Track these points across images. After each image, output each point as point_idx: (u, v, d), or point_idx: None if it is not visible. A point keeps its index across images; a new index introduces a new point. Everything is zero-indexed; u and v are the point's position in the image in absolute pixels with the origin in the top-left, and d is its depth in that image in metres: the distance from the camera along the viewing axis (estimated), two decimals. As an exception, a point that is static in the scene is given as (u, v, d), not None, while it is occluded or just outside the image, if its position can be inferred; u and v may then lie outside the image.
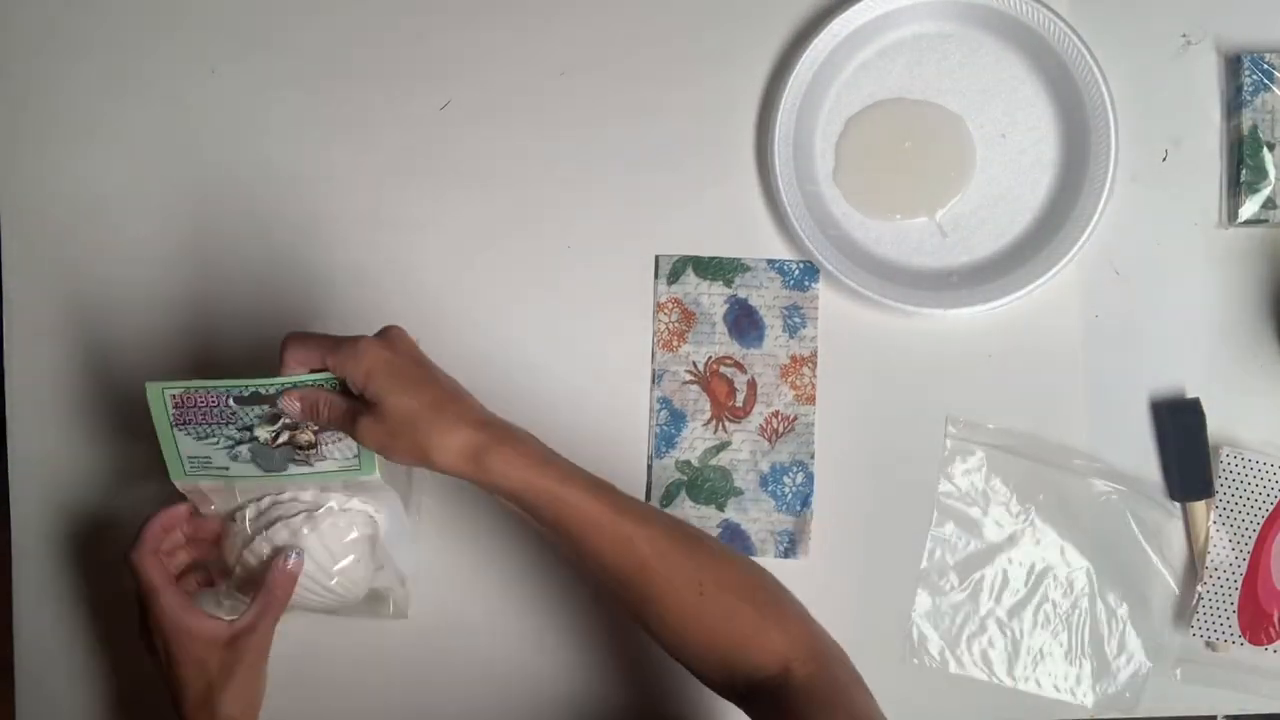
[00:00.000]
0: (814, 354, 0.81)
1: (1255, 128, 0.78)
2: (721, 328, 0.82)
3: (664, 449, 0.81)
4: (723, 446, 0.81)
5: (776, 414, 0.81)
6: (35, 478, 0.83)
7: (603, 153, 0.83)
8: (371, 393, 0.62)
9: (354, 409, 0.63)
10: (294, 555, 0.69)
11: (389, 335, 0.64)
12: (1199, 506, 0.79)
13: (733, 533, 0.81)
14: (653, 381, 0.82)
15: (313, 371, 0.65)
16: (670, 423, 0.81)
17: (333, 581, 0.72)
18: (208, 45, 0.84)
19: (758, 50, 0.83)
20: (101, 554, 0.82)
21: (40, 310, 0.83)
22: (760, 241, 0.82)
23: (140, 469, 0.83)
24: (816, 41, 0.80)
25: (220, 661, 0.68)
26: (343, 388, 0.64)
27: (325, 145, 0.84)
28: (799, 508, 0.81)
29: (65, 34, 0.84)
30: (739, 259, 0.82)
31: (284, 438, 0.68)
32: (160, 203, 0.84)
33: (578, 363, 0.82)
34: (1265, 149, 0.79)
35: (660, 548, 0.63)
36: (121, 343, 0.83)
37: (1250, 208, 0.79)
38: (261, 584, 0.69)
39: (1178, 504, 0.80)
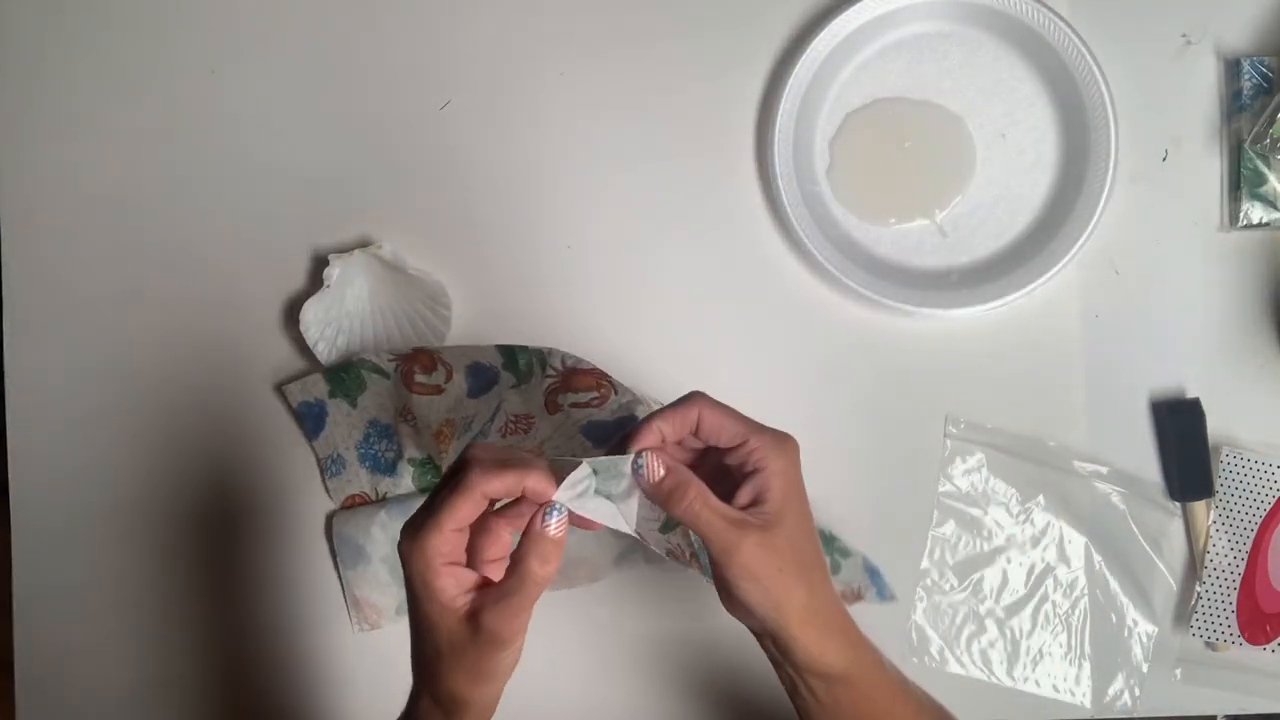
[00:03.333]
0: None
1: (1255, 131, 0.78)
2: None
3: None
4: None
5: None
6: (35, 478, 0.83)
7: (602, 152, 0.83)
8: (781, 511, 0.53)
9: (737, 517, 0.53)
10: (555, 513, 0.53)
11: (796, 444, 0.55)
12: (1199, 506, 0.79)
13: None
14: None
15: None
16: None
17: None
18: (208, 45, 0.84)
19: (758, 50, 0.83)
20: (101, 553, 0.82)
21: (40, 310, 0.83)
22: (760, 241, 0.82)
23: (140, 468, 0.83)
24: (816, 41, 0.80)
25: (451, 632, 0.54)
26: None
27: (325, 145, 0.84)
28: None
29: (65, 34, 0.84)
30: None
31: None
32: (160, 203, 0.84)
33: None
34: (1264, 154, 0.79)
35: None
36: (121, 343, 0.83)
37: (1251, 213, 0.79)
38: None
39: (1178, 504, 0.80)
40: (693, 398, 0.56)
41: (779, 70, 0.82)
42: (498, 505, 0.55)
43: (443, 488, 0.53)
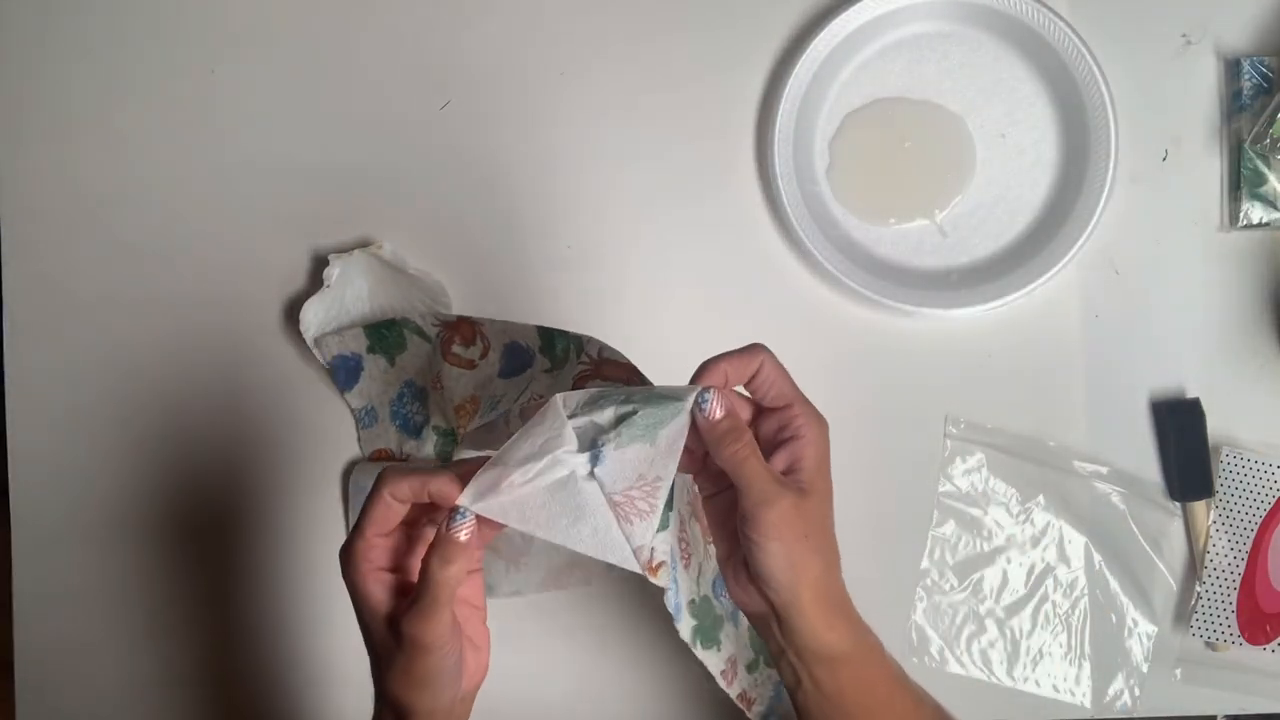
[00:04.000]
0: None
1: (1255, 131, 0.78)
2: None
3: None
4: None
5: None
6: (35, 478, 0.83)
7: (602, 152, 0.83)
8: (814, 481, 0.54)
9: (779, 475, 0.54)
10: (459, 517, 0.52)
11: (828, 428, 0.56)
12: (1199, 506, 0.79)
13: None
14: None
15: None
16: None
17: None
18: (208, 45, 0.84)
19: (758, 50, 0.83)
20: (101, 553, 0.82)
21: (40, 310, 0.83)
22: (760, 241, 0.82)
23: (140, 469, 0.83)
24: (816, 41, 0.80)
25: (381, 637, 0.55)
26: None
27: (325, 145, 0.84)
28: None
29: (65, 34, 0.84)
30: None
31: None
32: (160, 203, 0.83)
33: (578, 363, 0.82)
34: (1264, 154, 0.79)
35: None
36: (121, 343, 0.83)
37: (1251, 213, 0.79)
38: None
39: (1178, 504, 0.80)
40: (755, 348, 0.56)
41: (779, 70, 0.82)
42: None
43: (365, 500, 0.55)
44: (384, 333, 0.79)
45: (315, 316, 0.79)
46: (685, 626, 0.60)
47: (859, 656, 0.57)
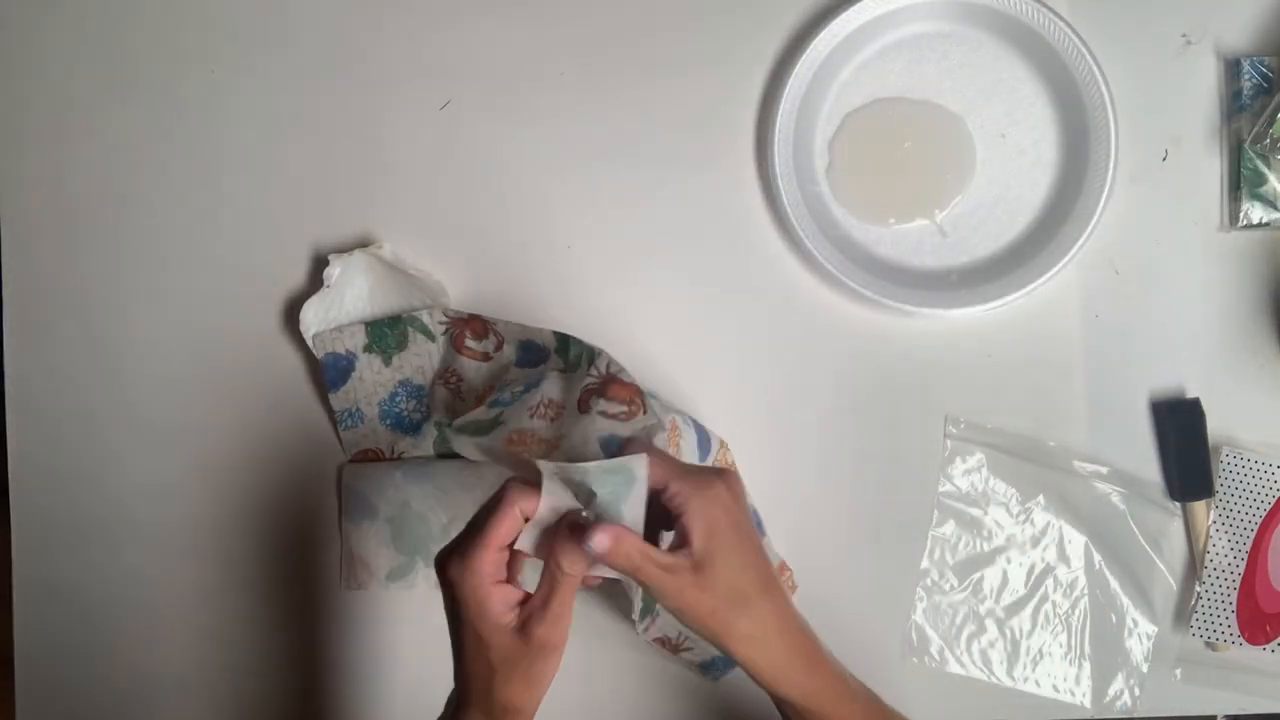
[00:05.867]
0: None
1: (1255, 131, 0.78)
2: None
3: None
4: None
5: None
6: (35, 478, 0.83)
7: (602, 152, 0.83)
8: (706, 551, 0.55)
9: (668, 561, 0.55)
10: (597, 536, 0.54)
11: (734, 484, 0.57)
12: (1199, 506, 0.79)
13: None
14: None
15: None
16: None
17: None
18: (208, 45, 0.84)
19: (758, 50, 0.83)
20: (102, 553, 0.82)
21: (40, 310, 0.83)
22: (760, 241, 0.82)
23: (139, 469, 0.83)
24: (816, 41, 0.79)
25: (505, 648, 0.56)
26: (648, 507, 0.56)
27: (325, 145, 0.84)
28: None
29: (65, 34, 0.84)
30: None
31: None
32: (160, 203, 0.84)
33: (578, 363, 0.82)
34: (1264, 154, 0.79)
35: None
36: (121, 343, 0.83)
37: (1251, 213, 0.79)
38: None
39: (1178, 504, 0.80)
40: (625, 443, 0.59)
41: (779, 70, 0.82)
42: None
43: (482, 512, 0.56)
44: (385, 330, 0.79)
45: (315, 316, 0.79)
46: (637, 607, 0.63)
47: (816, 706, 0.58)
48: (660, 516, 0.57)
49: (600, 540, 0.54)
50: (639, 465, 0.55)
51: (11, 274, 0.84)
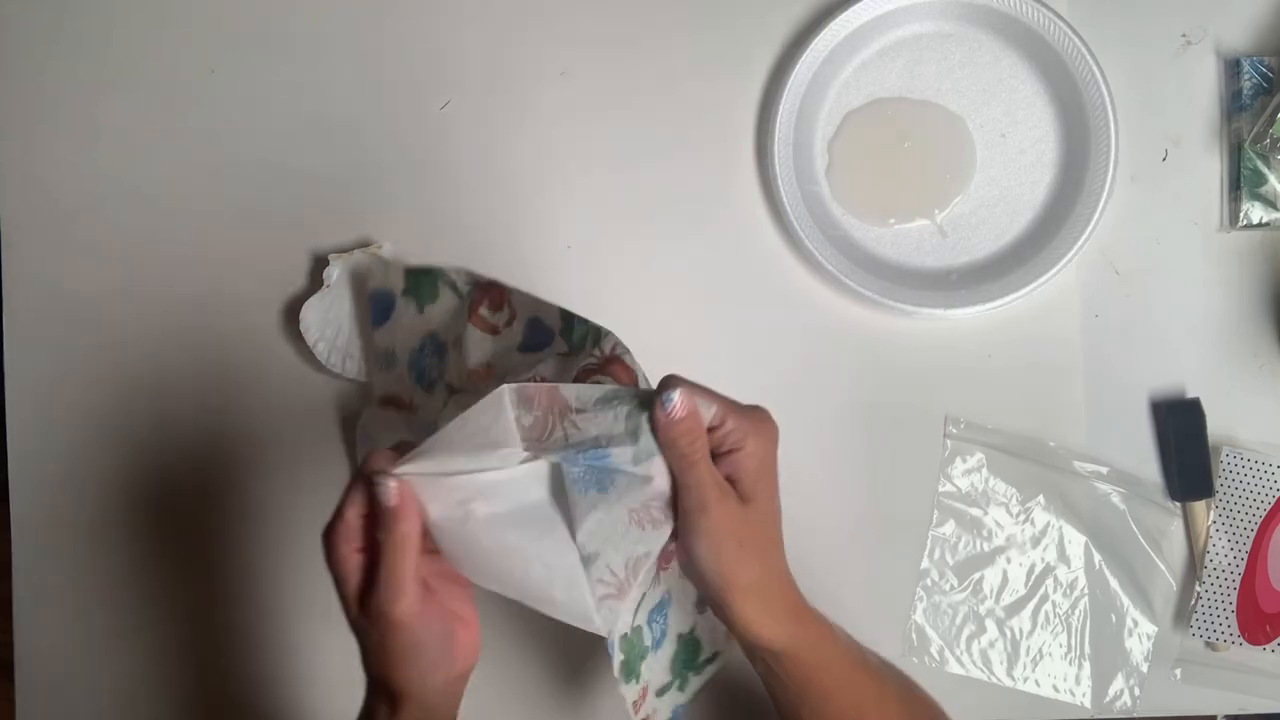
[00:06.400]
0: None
1: (1255, 131, 0.78)
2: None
3: None
4: None
5: None
6: (35, 478, 0.83)
7: (602, 152, 0.83)
8: (754, 492, 0.54)
9: (723, 482, 0.54)
10: (381, 483, 0.52)
11: (774, 425, 0.55)
12: (1199, 506, 0.79)
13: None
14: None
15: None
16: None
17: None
18: (207, 45, 0.84)
19: (758, 50, 0.83)
20: (101, 553, 0.82)
21: (40, 310, 0.83)
22: (760, 241, 0.82)
23: (139, 468, 0.83)
24: (816, 41, 0.80)
25: (355, 617, 0.56)
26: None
27: (325, 145, 0.84)
28: None
29: (65, 34, 0.84)
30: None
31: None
32: (160, 203, 0.84)
33: (578, 363, 0.82)
34: (1264, 154, 0.79)
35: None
36: (121, 343, 0.83)
37: (1251, 213, 0.79)
38: None
39: (1178, 504, 0.80)
40: (670, 379, 0.55)
41: (779, 70, 0.82)
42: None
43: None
44: (420, 279, 0.75)
45: (315, 317, 0.79)
46: (616, 662, 0.60)
47: (803, 650, 0.57)
48: None
49: (681, 400, 0.52)
50: (648, 396, 0.53)
51: (11, 274, 0.84)
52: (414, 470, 0.53)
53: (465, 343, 0.73)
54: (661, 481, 0.53)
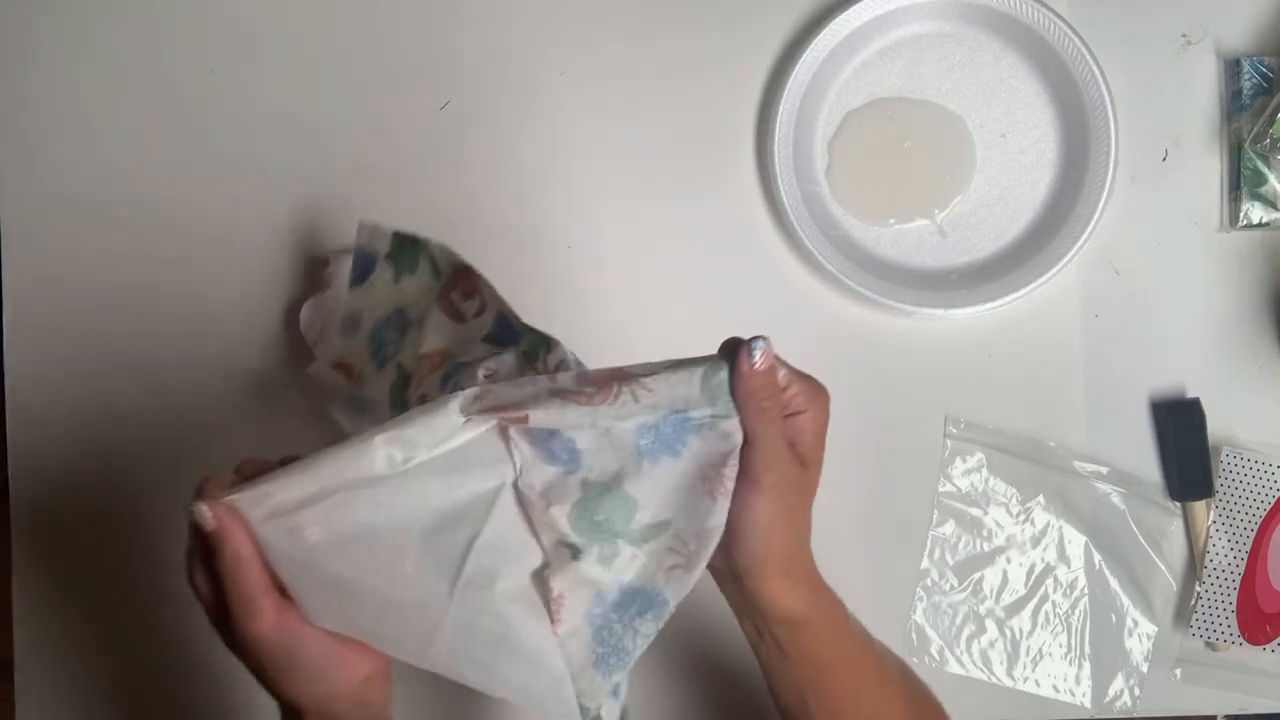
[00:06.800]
0: None
1: (1255, 131, 0.78)
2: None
3: None
4: None
5: None
6: (35, 478, 0.83)
7: (602, 153, 0.83)
8: (811, 458, 0.54)
9: (790, 443, 0.54)
10: (197, 507, 0.51)
11: (828, 394, 0.55)
12: (1199, 506, 0.79)
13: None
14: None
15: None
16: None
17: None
18: (208, 45, 0.84)
19: (758, 50, 0.83)
20: (101, 553, 0.82)
21: (40, 310, 0.83)
22: (760, 241, 0.82)
23: (139, 469, 0.83)
24: (816, 41, 0.80)
25: (225, 640, 0.56)
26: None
27: (325, 145, 0.84)
28: None
29: (65, 34, 0.84)
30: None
31: None
32: (160, 203, 0.84)
33: (578, 363, 0.82)
34: (1264, 154, 0.79)
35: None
36: (121, 343, 0.83)
37: (1251, 213, 0.79)
38: None
39: (1178, 504, 0.80)
40: (732, 341, 0.55)
41: (779, 70, 0.82)
42: None
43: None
44: (406, 247, 0.70)
45: (315, 316, 0.79)
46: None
47: (818, 620, 0.57)
48: None
49: (767, 350, 0.51)
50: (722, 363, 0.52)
51: (11, 274, 0.84)
52: (254, 495, 0.51)
53: (426, 324, 0.69)
54: (738, 440, 0.52)
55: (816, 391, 0.55)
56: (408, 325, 0.70)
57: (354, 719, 0.55)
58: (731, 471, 0.52)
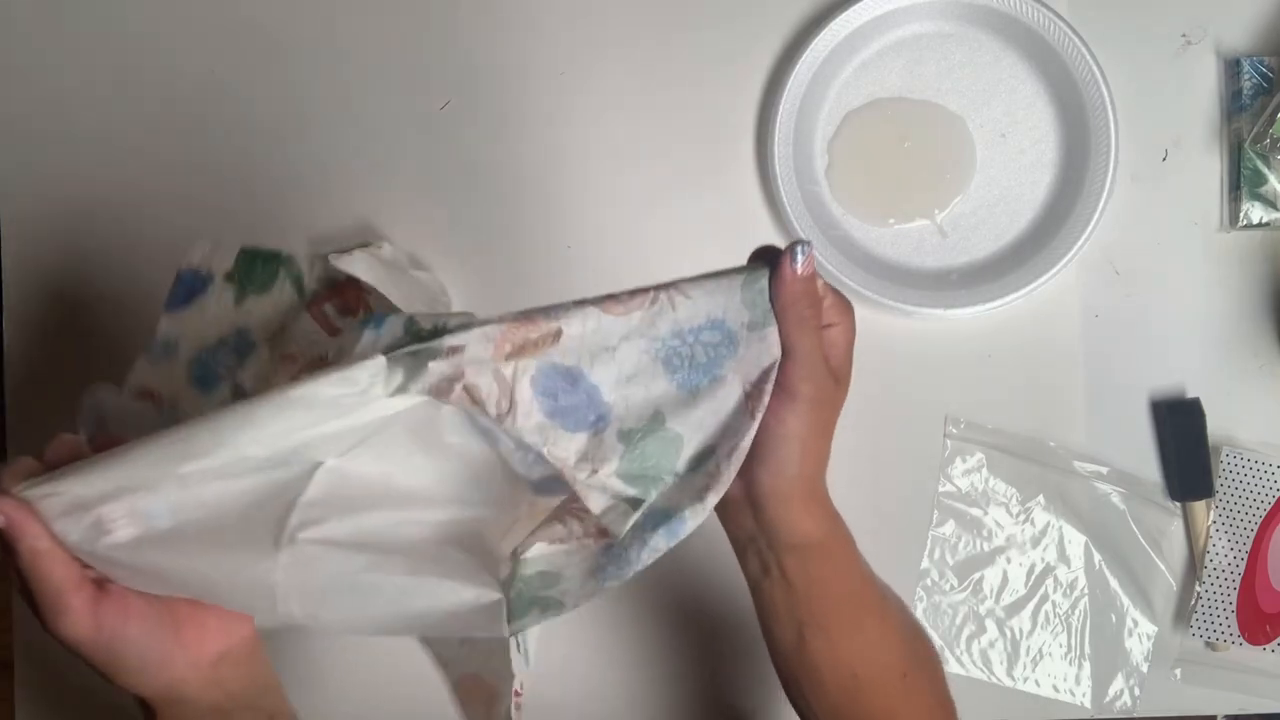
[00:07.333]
0: None
1: (1255, 131, 0.78)
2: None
3: None
4: None
5: None
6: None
7: (602, 153, 0.83)
8: (841, 364, 0.52)
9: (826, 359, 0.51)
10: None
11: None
12: (1199, 506, 0.79)
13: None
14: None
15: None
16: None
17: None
18: (207, 46, 0.84)
19: (758, 50, 0.83)
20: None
21: (40, 310, 0.83)
22: (760, 241, 0.82)
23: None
24: (816, 41, 0.80)
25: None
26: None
27: (325, 145, 0.84)
28: None
29: (65, 34, 0.84)
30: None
31: None
32: (160, 203, 0.83)
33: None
34: (1264, 154, 0.79)
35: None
36: (121, 343, 0.83)
37: (1251, 213, 0.79)
38: None
39: (1178, 504, 0.80)
40: (766, 250, 0.53)
41: (779, 70, 0.82)
42: None
43: None
44: (258, 263, 0.62)
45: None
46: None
47: (831, 546, 0.55)
48: None
49: (811, 256, 0.49)
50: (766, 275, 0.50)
51: (11, 274, 0.84)
52: (56, 489, 0.49)
53: (291, 331, 0.62)
54: (777, 352, 0.50)
55: (846, 306, 0.52)
56: (250, 347, 0.63)
57: (207, 701, 0.52)
58: (769, 385, 0.50)
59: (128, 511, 0.48)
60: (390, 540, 0.50)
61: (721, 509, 0.53)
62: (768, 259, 0.51)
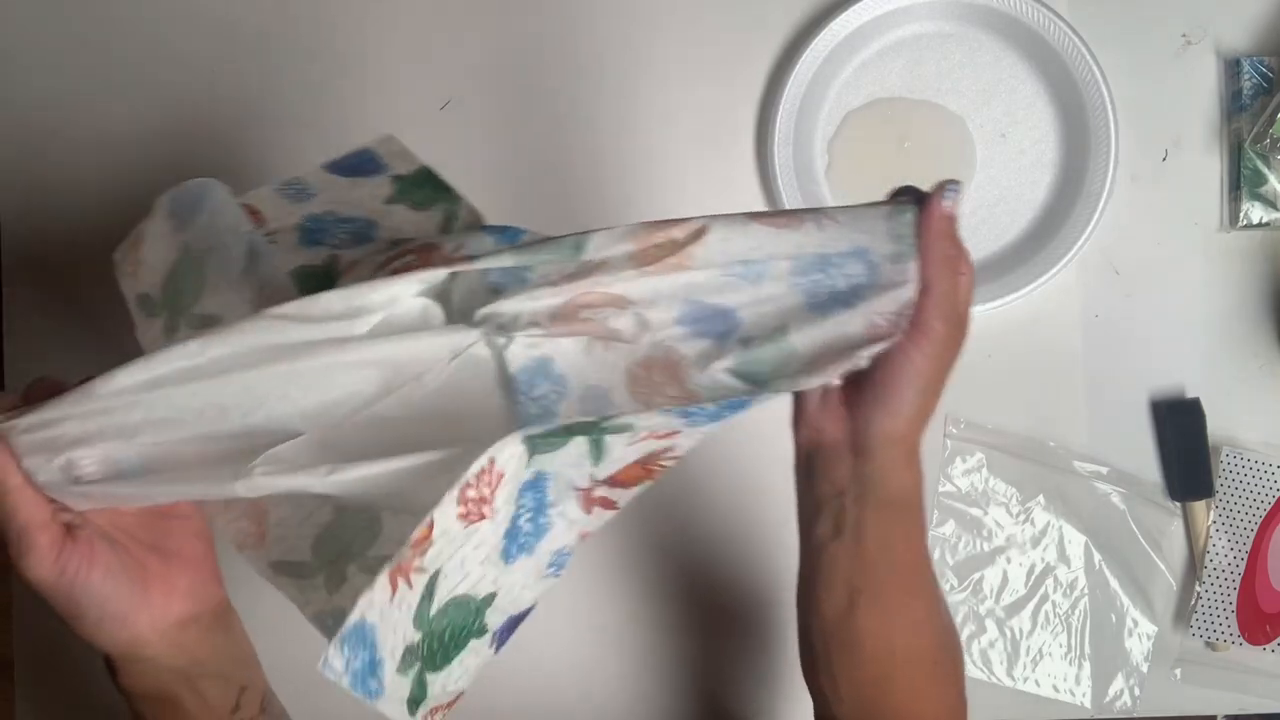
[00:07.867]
0: None
1: (1255, 131, 0.78)
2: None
3: None
4: None
5: None
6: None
7: (602, 152, 0.83)
8: (965, 313, 0.50)
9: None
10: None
11: None
12: (1199, 506, 0.79)
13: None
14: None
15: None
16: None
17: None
18: (206, 47, 0.84)
19: (758, 50, 0.83)
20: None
21: (40, 310, 0.83)
22: (760, 241, 0.82)
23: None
24: (816, 41, 0.80)
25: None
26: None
27: (325, 145, 0.83)
28: None
29: (65, 34, 0.84)
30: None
31: None
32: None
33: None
34: (1264, 154, 0.79)
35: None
36: (122, 344, 0.83)
37: (1251, 213, 0.79)
38: None
39: (1178, 504, 0.80)
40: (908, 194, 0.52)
41: (779, 70, 0.82)
42: None
43: None
44: (429, 186, 0.64)
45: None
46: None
47: (916, 509, 0.53)
48: None
49: (960, 196, 0.49)
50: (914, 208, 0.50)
51: (11, 274, 0.84)
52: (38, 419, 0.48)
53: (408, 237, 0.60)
54: (915, 289, 0.49)
55: (970, 260, 0.51)
56: (369, 241, 0.62)
57: (167, 663, 0.52)
58: (903, 321, 0.49)
59: (100, 458, 0.48)
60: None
61: (815, 461, 0.53)
62: (913, 196, 0.50)
